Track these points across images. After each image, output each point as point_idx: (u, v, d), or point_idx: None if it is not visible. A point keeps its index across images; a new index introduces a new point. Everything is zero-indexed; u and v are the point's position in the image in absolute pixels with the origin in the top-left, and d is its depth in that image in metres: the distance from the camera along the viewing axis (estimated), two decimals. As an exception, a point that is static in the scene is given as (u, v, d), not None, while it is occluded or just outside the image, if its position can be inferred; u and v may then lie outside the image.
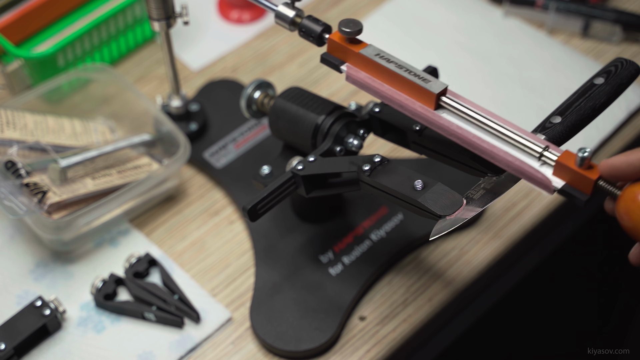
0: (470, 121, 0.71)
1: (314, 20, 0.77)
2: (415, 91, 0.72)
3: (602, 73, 0.74)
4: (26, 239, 0.93)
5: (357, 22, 0.74)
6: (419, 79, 0.72)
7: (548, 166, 0.66)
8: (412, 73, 0.72)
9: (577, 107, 0.72)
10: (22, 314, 0.84)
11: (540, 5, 1.11)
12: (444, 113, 0.72)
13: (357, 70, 0.75)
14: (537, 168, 0.67)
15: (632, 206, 0.60)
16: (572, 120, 0.72)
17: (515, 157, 0.68)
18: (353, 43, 0.75)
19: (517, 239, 0.93)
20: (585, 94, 0.73)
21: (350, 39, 0.75)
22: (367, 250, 0.89)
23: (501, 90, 1.05)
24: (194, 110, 1.00)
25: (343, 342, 0.85)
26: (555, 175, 0.66)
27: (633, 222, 0.60)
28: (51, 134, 0.95)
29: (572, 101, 0.73)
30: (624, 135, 1.02)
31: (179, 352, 0.85)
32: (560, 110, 0.73)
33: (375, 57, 0.74)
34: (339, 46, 0.75)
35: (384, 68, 0.73)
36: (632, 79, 0.74)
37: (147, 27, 1.10)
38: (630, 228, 0.61)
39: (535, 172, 0.67)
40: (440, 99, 0.71)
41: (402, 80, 0.72)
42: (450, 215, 0.69)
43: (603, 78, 0.74)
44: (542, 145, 0.67)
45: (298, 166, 0.77)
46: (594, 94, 0.73)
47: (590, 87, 0.73)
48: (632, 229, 0.60)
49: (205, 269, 0.91)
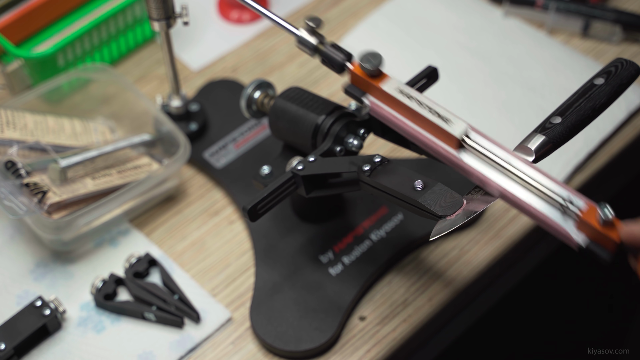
0: (492, 165, 0.69)
1: (336, 48, 0.76)
2: (437, 131, 0.71)
3: (602, 73, 0.74)
4: (26, 239, 0.93)
5: (377, 56, 0.74)
6: (440, 119, 0.71)
7: (572, 219, 0.65)
8: (433, 111, 0.71)
9: (577, 107, 0.72)
10: (22, 314, 0.84)
11: (540, 5, 1.11)
12: (467, 154, 0.70)
13: (379, 106, 0.75)
14: (561, 223, 0.65)
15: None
16: (572, 120, 0.71)
17: (540, 212, 0.66)
18: (374, 76, 0.74)
19: (517, 239, 0.93)
20: (585, 94, 0.73)
21: None
22: (367, 250, 0.89)
23: (501, 90, 1.05)
24: (194, 110, 1.00)
25: (343, 342, 0.85)
26: (579, 230, 0.64)
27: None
28: (51, 134, 0.95)
29: (572, 101, 0.73)
30: (624, 135, 1.02)
31: (179, 352, 0.85)
32: (560, 111, 0.72)
33: (397, 94, 0.73)
34: (360, 79, 0.75)
35: (405, 105, 0.72)
36: (632, 79, 0.74)
37: (147, 27, 1.10)
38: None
39: (559, 227, 0.65)
40: (463, 140, 0.70)
41: (423, 119, 0.71)
42: (450, 215, 0.69)
43: (603, 78, 0.73)
44: (565, 195, 0.65)
45: (298, 166, 0.77)
46: (594, 94, 0.73)
47: (590, 88, 0.73)
48: None
49: (205, 269, 0.91)
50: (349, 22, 1.14)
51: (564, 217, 0.65)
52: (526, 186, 0.68)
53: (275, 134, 0.86)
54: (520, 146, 0.72)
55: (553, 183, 0.66)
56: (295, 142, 0.84)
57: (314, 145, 0.82)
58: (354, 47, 1.09)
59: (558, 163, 0.97)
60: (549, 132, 0.71)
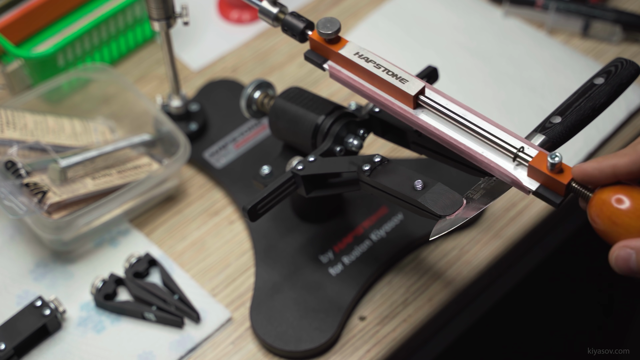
0: (448, 121, 0.71)
1: (296, 16, 0.77)
2: (393, 91, 0.73)
3: (602, 73, 0.74)
4: (26, 239, 0.93)
5: (334, 22, 0.75)
6: (396, 79, 0.72)
7: (523, 167, 0.68)
8: (389, 73, 0.73)
9: (577, 107, 0.72)
10: (22, 314, 0.84)
11: (540, 5, 1.11)
12: (423, 113, 0.72)
13: (339, 70, 0.76)
14: (512, 171, 0.68)
15: (600, 212, 0.62)
16: (572, 120, 0.72)
17: (490, 160, 0.69)
18: (333, 42, 0.76)
19: (517, 239, 0.93)
20: (585, 94, 0.73)
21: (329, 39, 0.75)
22: (367, 250, 0.89)
23: (501, 90, 1.05)
24: (194, 110, 1.00)
25: (343, 342, 0.85)
26: (530, 177, 0.67)
27: (603, 226, 0.62)
28: (51, 134, 0.95)
29: (572, 101, 0.73)
30: (624, 135, 1.02)
31: (179, 352, 0.85)
32: (560, 110, 0.73)
33: (354, 57, 0.74)
34: (320, 45, 0.76)
35: (362, 68, 0.74)
36: (632, 79, 0.75)
37: (147, 27, 1.10)
38: (600, 231, 0.62)
39: (509, 175, 0.68)
40: (419, 98, 0.72)
41: (381, 80, 0.73)
42: (451, 215, 0.69)
43: (603, 78, 0.74)
44: (518, 145, 0.68)
45: (298, 166, 0.77)
46: (594, 94, 0.73)
47: (590, 87, 0.73)
48: (602, 233, 0.62)
49: (205, 269, 0.91)
50: (349, 22, 1.14)
51: (516, 166, 0.68)
52: (480, 138, 0.70)
53: (275, 134, 0.86)
54: None
55: (508, 134, 0.69)
56: (295, 142, 0.84)
57: (314, 145, 0.82)
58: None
59: (558, 163, 0.97)
60: (548, 132, 0.71)
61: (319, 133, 0.81)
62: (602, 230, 0.62)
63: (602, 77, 0.74)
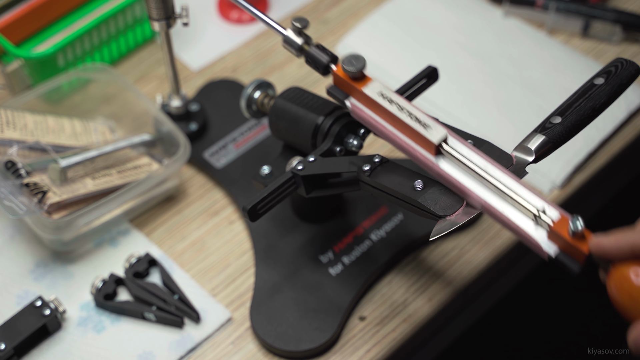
0: (469, 172, 0.69)
1: (321, 49, 0.76)
2: (415, 136, 0.71)
3: (602, 73, 0.74)
4: (26, 239, 0.93)
5: (360, 59, 0.73)
6: (419, 125, 0.70)
7: (543, 229, 0.65)
8: (412, 117, 0.71)
9: (577, 107, 0.72)
10: (22, 314, 0.84)
11: (540, 5, 1.11)
12: (444, 161, 0.70)
13: (361, 109, 0.74)
14: (532, 233, 0.65)
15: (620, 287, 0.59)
16: (572, 120, 0.71)
17: (511, 220, 0.66)
18: (357, 79, 0.74)
19: (517, 239, 0.93)
20: (585, 94, 0.73)
21: None
22: (367, 250, 0.89)
23: (501, 90, 1.05)
24: (194, 110, 1.00)
25: (343, 342, 0.85)
26: (550, 240, 0.64)
27: (620, 302, 0.60)
28: (51, 134, 0.95)
29: (572, 101, 0.73)
30: (624, 135, 1.02)
31: (179, 352, 0.85)
32: (560, 111, 0.72)
33: (378, 97, 0.73)
34: (343, 81, 0.75)
35: (385, 110, 0.72)
36: (632, 79, 0.74)
37: (147, 27, 1.10)
38: (618, 306, 0.60)
39: (530, 237, 0.65)
40: (441, 146, 0.70)
41: (403, 124, 0.71)
42: (451, 215, 0.69)
43: (603, 78, 0.73)
44: (539, 206, 0.65)
45: (298, 166, 0.77)
46: (594, 94, 0.73)
47: (590, 88, 0.73)
48: (620, 308, 0.60)
49: (205, 269, 0.91)
50: (349, 22, 1.14)
51: (536, 227, 0.65)
52: (501, 195, 0.67)
53: (275, 134, 0.86)
54: (520, 146, 0.72)
55: (529, 193, 0.66)
56: (295, 142, 0.84)
57: (314, 145, 0.82)
58: (354, 47, 1.09)
59: (558, 163, 0.97)
60: (548, 132, 0.71)
61: (319, 133, 0.81)
62: (621, 306, 0.60)
63: (602, 77, 0.73)
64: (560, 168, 0.97)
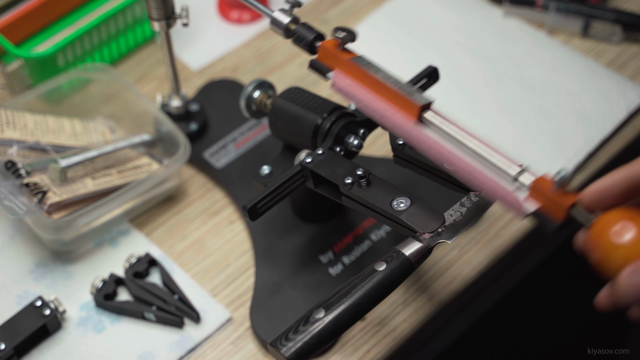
0: (450, 140, 0.69)
1: (307, 27, 0.77)
2: (398, 102, 0.71)
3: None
4: (26, 239, 0.93)
5: (352, 30, 0.74)
6: (404, 91, 0.71)
7: (522, 190, 0.64)
8: (398, 84, 0.71)
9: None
10: (22, 314, 0.84)
11: (540, 5, 1.11)
12: (426, 128, 0.70)
13: (343, 78, 0.75)
14: (511, 189, 0.65)
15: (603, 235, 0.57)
16: None
17: (489, 177, 0.66)
18: (345, 52, 0.75)
19: (517, 239, 0.93)
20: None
21: (342, 48, 0.74)
22: (367, 250, 0.89)
23: (501, 90, 1.05)
24: (194, 110, 1.00)
25: (343, 342, 0.85)
26: (530, 198, 0.63)
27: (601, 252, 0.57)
28: (51, 134, 0.95)
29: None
30: (624, 135, 1.02)
31: (179, 352, 0.85)
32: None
33: (364, 66, 0.73)
34: (329, 54, 0.75)
35: (370, 77, 0.73)
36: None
37: (147, 27, 1.10)
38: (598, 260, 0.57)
39: (508, 194, 0.64)
40: (423, 113, 0.70)
41: (387, 90, 0.71)
42: (431, 232, 0.69)
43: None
44: (519, 168, 0.65)
45: (307, 159, 0.77)
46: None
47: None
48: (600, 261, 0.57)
49: (205, 269, 0.91)
50: (349, 22, 1.14)
51: (515, 187, 0.64)
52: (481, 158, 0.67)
53: (275, 134, 0.86)
54: None
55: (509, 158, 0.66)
56: (295, 142, 0.84)
57: (314, 145, 0.82)
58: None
59: (558, 163, 0.97)
60: None
61: (319, 133, 0.81)
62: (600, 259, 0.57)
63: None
64: (560, 168, 0.97)
